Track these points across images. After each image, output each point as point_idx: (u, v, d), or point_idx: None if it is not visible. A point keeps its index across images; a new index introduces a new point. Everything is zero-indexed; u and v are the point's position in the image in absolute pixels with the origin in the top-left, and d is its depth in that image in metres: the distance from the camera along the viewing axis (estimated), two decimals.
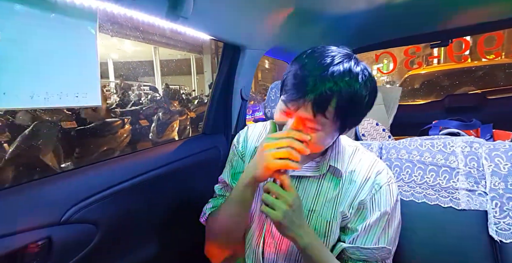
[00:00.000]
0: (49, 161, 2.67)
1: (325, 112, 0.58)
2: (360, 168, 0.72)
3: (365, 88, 0.59)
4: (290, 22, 1.21)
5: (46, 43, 0.64)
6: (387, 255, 0.70)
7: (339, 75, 0.57)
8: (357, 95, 0.58)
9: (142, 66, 10.97)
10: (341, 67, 0.58)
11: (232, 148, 0.87)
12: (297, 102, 0.60)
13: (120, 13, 0.73)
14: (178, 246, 1.05)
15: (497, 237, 0.76)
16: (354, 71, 0.58)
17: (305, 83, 0.58)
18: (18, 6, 0.58)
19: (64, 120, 3.04)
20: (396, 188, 0.71)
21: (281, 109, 0.65)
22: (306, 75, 0.58)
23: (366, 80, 0.60)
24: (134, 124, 4.21)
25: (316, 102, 0.57)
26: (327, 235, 0.70)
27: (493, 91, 2.78)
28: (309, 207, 0.72)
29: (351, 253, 0.69)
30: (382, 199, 0.69)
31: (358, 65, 0.60)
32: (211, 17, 0.91)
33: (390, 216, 0.69)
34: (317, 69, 0.58)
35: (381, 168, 0.72)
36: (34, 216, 0.65)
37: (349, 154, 0.74)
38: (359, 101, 0.60)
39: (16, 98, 0.60)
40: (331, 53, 0.60)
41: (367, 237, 0.69)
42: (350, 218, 0.70)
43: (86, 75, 0.72)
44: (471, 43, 3.32)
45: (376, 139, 1.50)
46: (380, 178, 0.70)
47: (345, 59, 0.60)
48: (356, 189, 0.70)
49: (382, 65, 11.62)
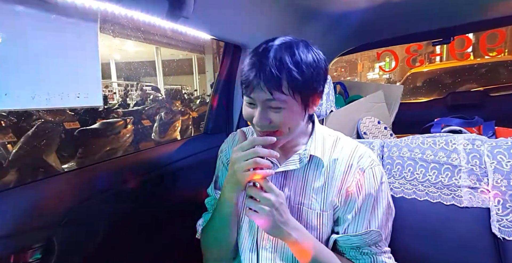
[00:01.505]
0: (52, 161, 2.69)
1: (281, 88, 0.60)
2: (342, 155, 0.73)
3: (310, 55, 0.63)
4: (291, 21, 1.21)
5: (48, 44, 0.64)
6: (378, 238, 0.70)
7: (283, 51, 0.61)
8: (303, 66, 0.61)
9: (144, 66, 11.00)
10: (283, 45, 0.63)
11: (218, 158, 0.88)
12: (252, 85, 0.62)
13: (121, 14, 0.73)
14: (181, 246, 1.06)
15: (500, 234, 0.76)
16: (293, 43, 0.63)
17: (254, 65, 0.62)
18: (19, 7, 0.59)
19: (67, 121, 3.06)
20: (380, 171, 0.72)
21: (245, 103, 0.67)
22: (254, 60, 0.63)
23: (309, 49, 0.64)
24: (137, 124, 4.23)
25: (268, 80, 0.60)
26: (319, 227, 0.71)
27: (495, 89, 2.76)
28: (298, 200, 0.73)
29: (342, 242, 0.71)
30: (366, 182, 0.70)
31: (299, 42, 0.65)
32: (212, 17, 0.91)
33: (376, 198, 0.70)
34: (262, 52, 0.63)
35: (363, 152, 0.73)
36: (36, 216, 0.65)
37: (330, 143, 0.75)
38: (308, 72, 0.62)
39: (17, 99, 0.60)
40: (272, 39, 0.66)
41: (358, 222, 0.70)
42: (340, 207, 0.71)
43: (87, 75, 0.72)
44: (473, 40, 3.30)
45: (377, 137, 1.50)
46: (362, 162, 0.71)
47: (286, 40, 0.65)
48: (341, 177, 0.71)
49: (384, 64, 11.57)
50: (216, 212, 0.74)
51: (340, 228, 0.72)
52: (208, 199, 0.87)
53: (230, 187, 0.67)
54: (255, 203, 0.63)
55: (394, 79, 11.98)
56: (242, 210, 0.78)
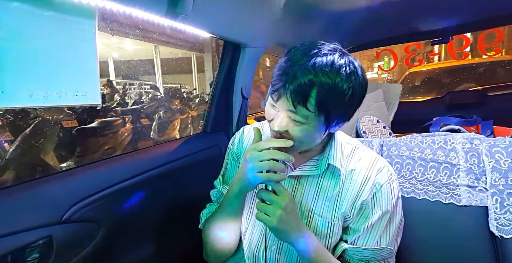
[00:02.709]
0: (50, 160, 2.68)
1: (307, 104, 0.56)
2: (360, 167, 0.71)
3: (348, 81, 0.57)
4: (290, 19, 1.21)
5: (45, 41, 0.64)
6: (388, 255, 0.70)
7: (321, 66, 0.56)
8: (337, 88, 0.56)
9: (143, 65, 10.96)
10: (324, 59, 0.57)
11: (228, 150, 0.87)
12: (278, 93, 0.59)
13: (120, 11, 0.72)
14: (180, 245, 1.05)
15: (498, 232, 0.76)
16: (336, 63, 0.57)
17: (286, 73, 0.57)
18: (16, 5, 0.58)
19: (65, 119, 3.05)
20: (397, 185, 0.71)
21: (269, 103, 0.65)
22: (289, 65, 0.58)
23: (350, 73, 0.58)
24: (135, 123, 4.22)
25: (296, 93, 0.56)
26: (329, 236, 0.70)
27: (493, 88, 2.77)
28: (309, 207, 0.71)
29: (352, 253, 0.70)
30: (384, 197, 0.68)
31: (343, 58, 0.58)
32: (211, 15, 0.91)
33: (391, 214, 0.69)
34: (300, 60, 0.57)
35: (382, 166, 0.71)
36: (35, 215, 0.65)
37: (348, 152, 0.73)
38: (340, 94, 0.57)
39: (15, 97, 0.60)
40: (319, 46, 0.60)
41: (369, 236, 0.69)
42: (352, 218, 0.70)
43: (85, 73, 0.72)
44: (471, 40, 3.31)
45: (377, 136, 1.50)
46: (380, 177, 0.69)
47: (331, 51, 0.59)
48: (357, 189, 0.69)
49: (383, 63, 11.58)
50: (222, 207, 0.73)
51: (349, 237, 0.71)
52: (213, 191, 0.86)
53: (240, 185, 0.66)
54: (265, 205, 0.61)
55: (393, 78, 12.00)
56: (250, 207, 0.77)
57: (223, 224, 0.75)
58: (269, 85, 0.65)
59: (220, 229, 0.75)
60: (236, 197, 0.69)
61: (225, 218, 0.74)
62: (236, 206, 0.71)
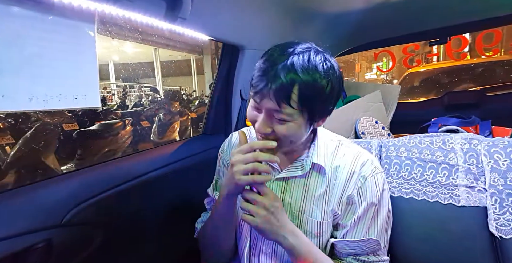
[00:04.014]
0: (51, 163, 2.68)
1: (290, 101, 0.58)
2: (344, 162, 0.72)
3: (326, 77, 0.60)
4: (289, 21, 1.22)
5: (45, 45, 0.64)
6: (377, 247, 0.70)
7: (299, 64, 0.58)
8: (317, 83, 0.59)
9: (143, 67, 10.99)
10: (300, 57, 0.59)
11: (219, 157, 0.87)
12: (261, 93, 0.60)
13: (119, 15, 0.73)
14: (180, 247, 1.05)
15: (497, 233, 0.76)
16: (313, 60, 0.59)
17: (267, 73, 0.59)
18: (16, 8, 0.59)
19: (65, 122, 3.05)
20: (382, 178, 0.72)
21: (251, 105, 0.66)
22: (268, 66, 0.60)
23: (327, 69, 0.60)
24: (135, 125, 4.22)
25: (278, 91, 0.58)
26: (319, 235, 0.71)
27: (492, 88, 2.77)
28: (298, 207, 0.72)
29: (340, 248, 0.70)
30: (368, 190, 0.69)
31: (318, 54, 0.61)
32: (210, 18, 0.91)
33: (377, 206, 0.70)
34: (278, 60, 0.60)
35: (365, 160, 0.72)
36: (34, 218, 0.65)
37: (332, 149, 0.74)
38: (320, 89, 0.60)
39: (14, 101, 0.60)
40: (293, 45, 0.62)
41: (357, 230, 0.69)
42: (340, 214, 0.71)
43: (85, 77, 0.72)
44: (469, 40, 3.32)
45: (375, 136, 1.51)
46: (364, 170, 0.70)
47: (306, 49, 0.61)
48: (343, 185, 0.70)
49: (382, 64, 11.59)
50: (214, 213, 0.74)
51: (338, 233, 0.71)
52: (207, 199, 0.87)
53: (228, 189, 0.67)
54: (249, 205, 0.63)
55: (391, 79, 12.01)
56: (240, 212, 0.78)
57: (216, 231, 0.75)
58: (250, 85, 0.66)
59: (214, 236, 0.76)
60: (225, 201, 0.69)
61: (218, 224, 0.74)
62: (227, 210, 0.71)
